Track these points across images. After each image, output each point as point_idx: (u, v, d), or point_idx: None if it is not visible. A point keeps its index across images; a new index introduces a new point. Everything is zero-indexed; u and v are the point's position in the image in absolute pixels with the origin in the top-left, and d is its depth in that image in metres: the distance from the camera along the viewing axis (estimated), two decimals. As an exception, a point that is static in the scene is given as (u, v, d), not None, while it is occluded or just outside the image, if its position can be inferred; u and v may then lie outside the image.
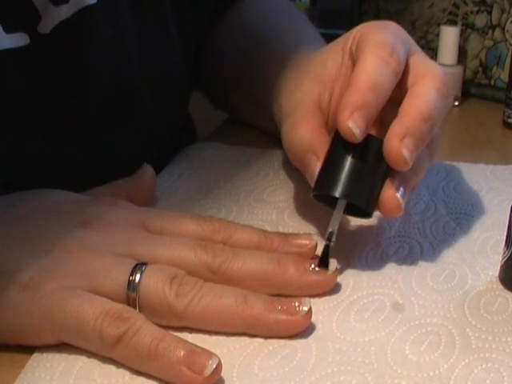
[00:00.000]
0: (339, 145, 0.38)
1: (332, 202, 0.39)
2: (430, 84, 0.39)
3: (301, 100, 0.43)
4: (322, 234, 0.43)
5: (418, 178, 0.40)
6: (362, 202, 0.38)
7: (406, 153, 0.37)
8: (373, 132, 0.41)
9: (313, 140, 0.40)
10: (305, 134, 0.41)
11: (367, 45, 0.40)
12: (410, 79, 0.40)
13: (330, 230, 0.38)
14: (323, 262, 0.37)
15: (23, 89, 0.43)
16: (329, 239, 0.38)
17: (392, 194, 0.38)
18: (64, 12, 0.44)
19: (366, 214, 0.39)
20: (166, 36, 0.55)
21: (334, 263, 0.37)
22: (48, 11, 0.43)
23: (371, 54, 0.39)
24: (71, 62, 0.45)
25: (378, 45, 0.40)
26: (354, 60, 0.42)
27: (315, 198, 0.40)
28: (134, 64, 0.51)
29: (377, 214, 0.39)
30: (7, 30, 0.41)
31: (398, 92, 0.40)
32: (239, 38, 0.61)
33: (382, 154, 0.38)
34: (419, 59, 0.41)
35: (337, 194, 0.38)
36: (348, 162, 0.38)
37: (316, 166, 0.40)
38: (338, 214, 0.38)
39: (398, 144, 0.37)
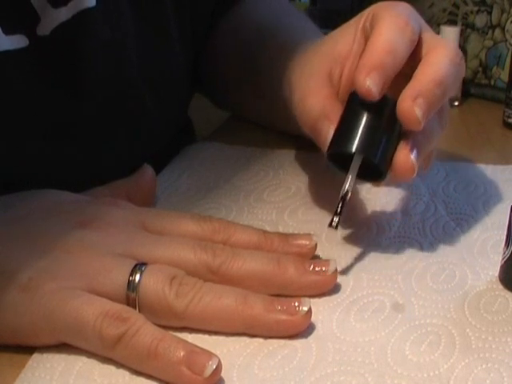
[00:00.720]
0: (354, 106, 0.39)
1: (346, 164, 0.39)
2: (443, 53, 0.40)
3: (311, 73, 0.44)
4: (322, 235, 0.43)
5: (429, 144, 0.41)
6: (378, 158, 0.39)
7: (418, 112, 0.38)
8: None
9: (325, 106, 0.41)
10: (316, 101, 0.42)
11: (383, 16, 0.41)
12: (423, 51, 0.41)
13: (346, 188, 0.39)
14: (337, 221, 0.38)
15: (23, 89, 0.43)
16: (343, 198, 0.39)
17: (406, 155, 0.39)
18: (63, 14, 0.44)
19: (379, 175, 0.40)
20: (166, 37, 0.55)
21: (333, 264, 0.37)
22: (47, 13, 0.43)
23: (388, 22, 0.40)
24: (70, 63, 0.45)
25: (394, 15, 0.41)
26: (366, 37, 0.43)
27: (330, 160, 0.40)
28: (133, 65, 0.51)
29: (378, 209, 0.39)
30: (6, 32, 0.41)
31: (410, 68, 0.41)
32: (242, 35, 0.61)
33: (396, 116, 0.38)
34: (430, 34, 0.42)
35: (353, 148, 0.38)
36: (363, 120, 0.39)
37: (329, 129, 0.40)
38: (353, 172, 0.39)
39: (411, 103, 0.38)
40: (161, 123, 0.56)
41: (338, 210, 0.39)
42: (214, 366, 0.31)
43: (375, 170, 0.39)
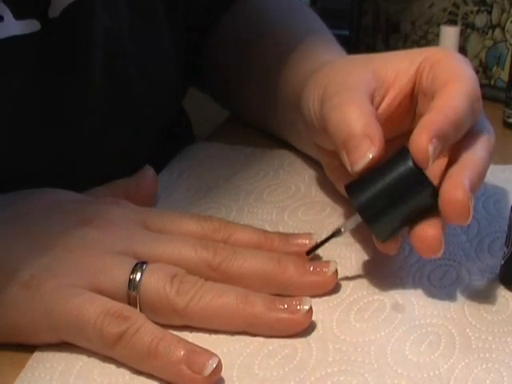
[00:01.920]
0: (395, 163, 0.36)
1: None
2: (485, 143, 0.38)
3: (355, 85, 0.40)
4: (322, 235, 0.43)
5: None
6: (379, 233, 0.37)
7: (471, 207, 0.34)
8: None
9: (368, 125, 0.37)
10: (359, 114, 0.37)
11: (457, 76, 0.38)
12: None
13: (341, 228, 0.38)
14: (313, 249, 0.38)
15: (34, 75, 0.43)
16: (333, 235, 0.38)
17: (435, 234, 0.36)
18: None
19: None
20: (155, 29, 0.55)
21: (333, 264, 0.37)
22: None
23: (463, 89, 0.37)
24: (76, 48, 0.45)
25: (469, 84, 0.38)
26: (419, 77, 0.40)
27: (346, 190, 0.38)
28: (128, 54, 0.51)
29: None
30: (17, 17, 0.41)
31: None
32: (243, 33, 0.61)
33: (426, 200, 0.36)
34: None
35: (359, 207, 0.36)
36: (391, 187, 0.36)
37: (368, 151, 0.36)
38: (353, 222, 0.38)
39: (467, 196, 0.34)
40: (154, 115, 0.56)
41: (321, 242, 0.38)
42: (214, 366, 0.31)
43: None
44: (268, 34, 0.58)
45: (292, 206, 0.47)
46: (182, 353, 0.31)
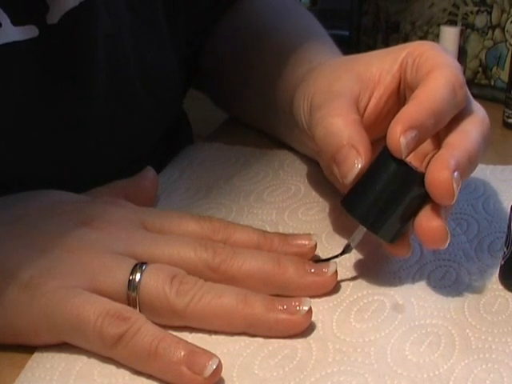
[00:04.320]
0: (380, 165, 0.37)
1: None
2: (477, 124, 0.38)
3: (339, 93, 0.41)
4: (322, 235, 0.43)
5: (451, 210, 0.39)
6: (386, 236, 0.37)
7: (455, 186, 0.35)
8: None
9: (352, 133, 0.38)
10: (343, 125, 0.38)
11: (437, 66, 0.38)
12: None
13: (350, 244, 0.38)
14: (323, 260, 0.38)
15: (32, 81, 0.43)
16: (344, 251, 0.38)
17: (438, 224, 0.36)
18: (71, 1, 0.44)
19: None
20: (156, 32, 0.55)
21: (333, 265, 0.37)
22: (55, 1, 0.43)
23: (444, 77, 0.38)
24: (76, 54, 0.45)
25: (449, 70, 0.38)
26: (403, 72, 0.41)
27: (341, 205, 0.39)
28: (129, 59, 0.51)
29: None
30: (15, 23, 0.41)
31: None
32: (241, 36, 0.61)
33: (419, 189, 0.36)
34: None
35: (360, 218, 0.37)
36: (383, 188, 0.36)
37: (355, 162, 0.37)
38: (360, 233, 0.38)
39: (450, 175, 0.35)
40: (153, 118, 0.56)
41: (331, 256, 0.38)
42: (214, 367, 0.31)
43: None
44: (265, 38, 0.58)
45: (292, 206, 0.47)
46: (182, 354, 0.31)
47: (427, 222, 0.36)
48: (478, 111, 0.40)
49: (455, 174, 0.35)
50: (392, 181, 0.36)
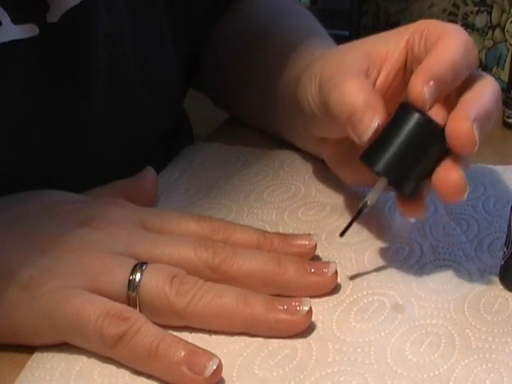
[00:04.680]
0: (400, 120, 0.37)
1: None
2: (491, 86, 0.39)
3: (349, 66, 0.41)
4: (322, 235, 0.43)
5: (469, 167, 0.39)
6: (405, 188, 0.37)
7: (476, 135, 0.36)
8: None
9: (367, 94, 0.38)
10: (357, 88, 0.39)
11: (449, 30, 0.39)
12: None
13: (367, 201, 0.38)
14: (344, 231, 0.38)
15: (32, 80, 0.43)
16: (361, 210, 0.38)
17: (458, 176, 0.37)
18: (72, 0, 0.44)
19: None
20: (156, 32, 0.55)
21: (333, 265, 0.37)
22: (56, 0, 0.43)
23: (456, 38, 0.38)
24: (76, 54, 0.45)
25: (460, 33, 0.39)
26: (410, 49, 0.41)
27: (362, 161, 0.39)
28: (129, 59, 0.51)
29: (377, 210, 0.39)
30: (15, 22, 0.41)
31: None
32: (241, 35, 0.61)
33: (440, 144, 0.37)
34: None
35: (381, 170, 0.37)
36: (403, 141, 0.37)
37: (372, 120, 0.37)
38: (377, 190, 0.38)
39: (470, 125, 0.35)
40: (154, 118, 0.56)
41: (351, 220, 0.38)
42: (215, 367, 0.31)
43: None
44: (265, 37, 0.58)
45: (292, 206, 0.47)
46: (183, 354, 0.31)
47: (446, 173, 0.36)
48: (488, 76, 0.40)
49: (475, 124, 0.36)
50: (414, 133, 0.37)
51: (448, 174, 0.36)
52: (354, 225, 0.39)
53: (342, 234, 0.39)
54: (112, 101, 0.50)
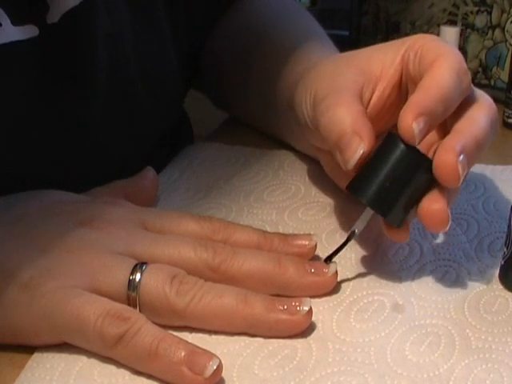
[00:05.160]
0: (387, 149, 0.37)
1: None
2: (485, 112, 0.39)
3: (342, 86, 0.41)
4: (322, 235, 0.43)
5: (457, 196, 0.39)
6: (393, 220, 0.37)
7: (461, 169, 0.36)
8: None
9: (356, 121, 0.38)
10: (347, 114, 0.39)
11: (440, 56, 0.39)
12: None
13: (355, 229, 0.38)
14: (331, 257, 0.38)
15: (32, 81, 0.43)
16: (349, 238, 0.38)
17: (440, 207, 0.36)
18: (72, 1, 0.44)
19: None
20: (157, 32, 0.55)
21: (333, 265, 0.37)
22: (55, 1, 0.43)
23: (448, 65, 0.38)
24: (76, 54, 0.45)
25: (453, 58, 0.39)
26: (405, 65, 0.41)
27: (348, 191, 0.39)
28: (129, 60, 0.51)
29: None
30: (15, 23, 0.41)
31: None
32: (240, 36, 0.61)
33: (426, 174, 0.37)
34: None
35: (368, 200, 0.37)
36: (390, 171, 0.37)
37: (358, 147, 0.37)
38: (365, 218, 0.38)
39: (455, 159, 0.35)
40: (154, 118, 0.56)
41: (338, 248, 0.38)
42: (215, 367, 0.31)
43: None
44: (264, 38, 0.58)
45: (292, 206, 0.47)
46: (183, 354, 0.31)
47: (430, 204, 0.36)
48: (484, 97, 0.40)
49: (461, 157, 0.36)
50: (401, 165, 0.37)
51: (432, 205, 0.36)
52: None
53: (329, 259, 0.38)
54: (112, 101, 0.50)
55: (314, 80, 0.44)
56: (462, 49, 0.74)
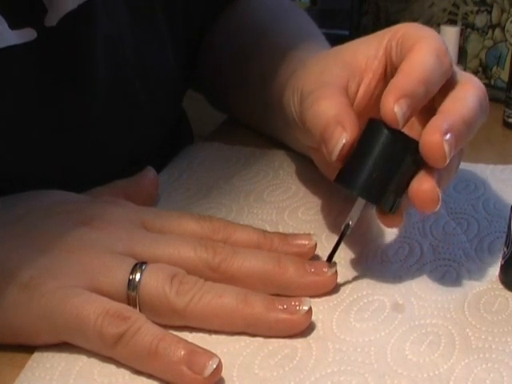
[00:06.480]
0: (371, 136, 0.37)
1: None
2: (473, 91, 0.39)
3: (328, 81, 0.41)
4: (322, 235, 0.43)
5: (450, 175, 0.39)
6: (386, 206, 0.37)
7: (447, 148, 0.35)
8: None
9: (339, 112, 0.38)
10: (330, 105, 0.39)
11: (419, 39, 0.39)
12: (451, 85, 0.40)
13: (349, 222, 0.38)
14: (331, 255, 0.38)
15: (31, 84, 0.43)
16: (344, 232, 0.38)
17: (428, 189, 0.36)
18: (70, 4, 0.44)
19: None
20: (155, 33, 0.55)
21: (333, 265, 0.37)
22: (54, 4, 0.43)
23: (426, 48, 0.38)
24: (76, 56, 0.45)
25: (432, 41, 0.39)
26: (389, 56, 0.41)
27: (337, 183, 0.38)
28: (128, 61, 0.51)
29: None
30: (12, 27, 0.41)
31: (432, 100, 0.39)
32: (238, 36, 0.61)
33: (411, 153, 0.37)
34: (457, 68, 0.41)
35: (357, 190, 0.37)
36: (376, 157, 0.36)
37: (341, 137, 0.37)
38: (357, 209, 0.38)
39: (441, 138, 0.35)
40: (153, 119, 0.56)
41: (336, 244, 0.38)
42: (215, 366, 0.31)
43: None
44: (260, 38, 0.58)
45: (292, 206, 0.47)
46: (183, 353, 0.31)
47: (420, 184, 0.36)
48: (471, 78, 0.40)
49: (447, 136, 0.35)
50: (387, 150, 0.37)
51: (421, 185, 0.36)
52: (354, 225, 0.39)
53: (329, 258, 0.38)
54: (112, 101, 0.50)
55: (300, 78, 0.44)
56: (462, 48, 0.74)
